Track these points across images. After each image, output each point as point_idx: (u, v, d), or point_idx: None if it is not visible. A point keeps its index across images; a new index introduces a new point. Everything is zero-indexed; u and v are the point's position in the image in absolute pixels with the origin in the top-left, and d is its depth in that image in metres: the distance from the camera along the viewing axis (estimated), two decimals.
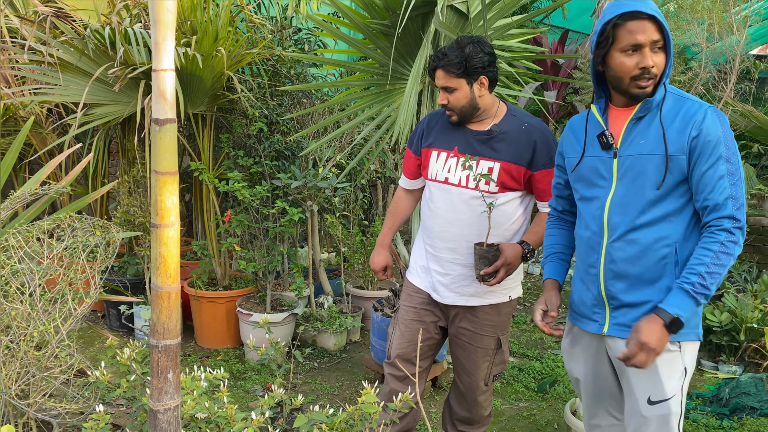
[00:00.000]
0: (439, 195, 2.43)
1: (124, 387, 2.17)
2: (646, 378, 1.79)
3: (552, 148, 2.32)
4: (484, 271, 2.24)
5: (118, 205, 4.15)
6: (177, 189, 1.46)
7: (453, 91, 2.31)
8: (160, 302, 1.45)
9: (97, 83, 3.63)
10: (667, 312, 1.65)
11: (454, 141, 2.41)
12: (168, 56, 1.40)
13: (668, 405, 1.77)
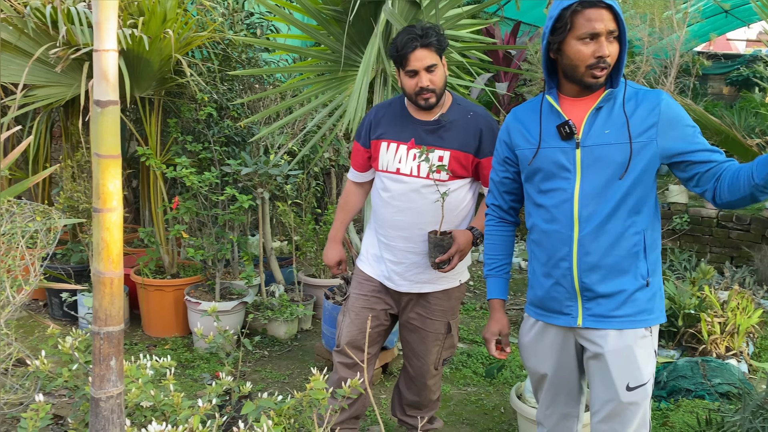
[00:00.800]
0: (392, 186, 2.44)
1: (65, 376, 2.12)
2: (626, 365, 1.81)
3: (496, 134, 2.33)
4: (439, 259, 2.28)
5: (60, 190, 4.02)
6: (120, 173, 1.42)
7: (434, 70, 2.29)
8: (102, 288, 1.42)
9: (38, 64, 3.50)
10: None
11: (404, 132, 2.42)
12: (110, 36, 1.36)
13: (645, 389, 1.82)
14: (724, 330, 3.81)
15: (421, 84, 2.30)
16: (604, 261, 1.80)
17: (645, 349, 1.82)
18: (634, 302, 1.81)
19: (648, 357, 1.83)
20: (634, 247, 1.79)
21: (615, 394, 1.82)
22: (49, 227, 2.48)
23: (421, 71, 2.29)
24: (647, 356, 1.83)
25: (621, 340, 1.82)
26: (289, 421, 1.94)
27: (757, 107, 7.76)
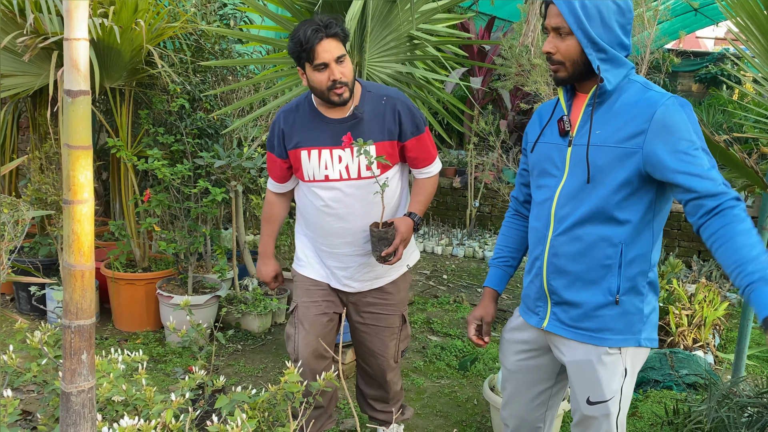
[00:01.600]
0: (325, 194, 2.31)
1: (34, 371, 2.08)
2: (586, 380, 1.77)
3: (414, 114, 2.29)
4: (385, 252, 2.22)
5: (28, 182, 3.94)
6: (91, 164, 1.40)
7: (344, 61, 2.15)
8: (73, 281, 1.39)
9: (5, 53, 3.42)
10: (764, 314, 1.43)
11: (321, 135, 2.27)
12: (81, 24, 1.33)
13: (607, 406, 1.76)
14: (691, 322, 3.89)
15: (333, 77, 2.13)
16: (571, 267, 1.75)
17: (609, 367, 1.74)
18: (597, 318, 1.74)
19: (612, 375, 1.75)
20: (607, 259, 1.70)
21: (577, 405, 1.81)
22: (17, 219, 2.43)
23: (331, 63, 2.12)
24: (612, 374, 1.74)
25: (582, 353, 1.77)
26: (263, 414, 1.94)
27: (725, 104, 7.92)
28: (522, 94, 6.64)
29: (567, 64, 1.69)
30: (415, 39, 3.38)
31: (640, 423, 3.09)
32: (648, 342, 1.78)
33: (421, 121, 2.31)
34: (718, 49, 12.70)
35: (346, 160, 2.26)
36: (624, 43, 1.68)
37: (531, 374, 1.97)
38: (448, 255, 6.37)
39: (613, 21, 1.65)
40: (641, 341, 1.76)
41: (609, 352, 1.73)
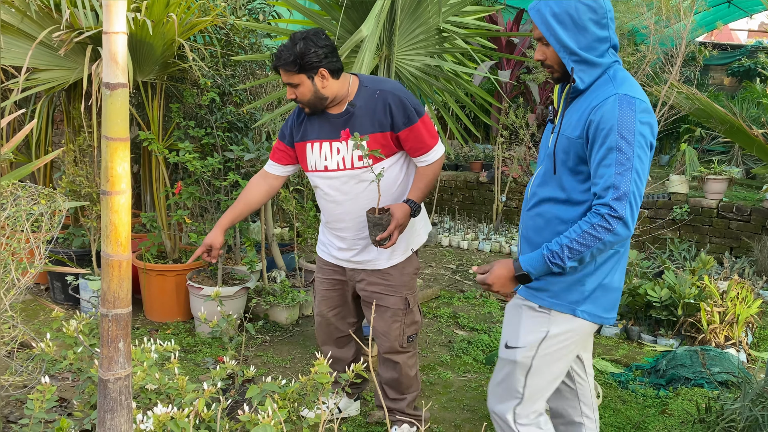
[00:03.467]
0: (324, 183, 2.55)
1: (70, 359, 2.13)
2: (509, 324, 2.00)
3: (406, 105, 2.41)
4: (380, 237, 2.36)
5: (63, 174, 4.02)
6: (128, 156, 1.42)
7: (297, 86, 2.39)
8: (110, 271, 1.42)
9: (41, 47, 3.49)
10: (521, 265, 1.84)
11: (322, 129, 2.51)
12: (119, 18, 1.35)
13: (515, 352, 1.94)
14: (723, 320, 3.83)
15: (289, 97, 2.44)
16: (533, 238, 1.97)
17: (533, 320, 1.93)
18: (541, 280, 1.92)
19: (532, 328, 1.93)
20: (558, 234, 1.87)
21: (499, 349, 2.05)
22: (53, 210, 2.48)
23: (287, 86, 2.42)
24: (532, 328, 1.93)
25: (518, 300, 2.01)
26: (293, 404, 1.96)
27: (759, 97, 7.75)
28: (551, 87, 6.56)
29: (556, 66, 1.88)
30: (444, 32, 3.37)
31: (671, 420, 3.05)
32: (587, 316, 1.91)
33: (414, 112, 2.42)
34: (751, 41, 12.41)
35: (343, 151, 2.47)
36: (601, 37, 1.80)
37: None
38: (474, 250, 6.34)
39: (586, 21, 1.78)
40: (577, 311, 1.90)
41: (537, 309, 1.93)
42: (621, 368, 3.67)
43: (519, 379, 1.93)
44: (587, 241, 1.74)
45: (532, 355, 1.91)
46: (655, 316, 4.06)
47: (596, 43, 1.80)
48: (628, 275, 4.36)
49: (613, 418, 3.08)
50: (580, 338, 1.95)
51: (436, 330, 4.17)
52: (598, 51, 1.81)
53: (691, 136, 7.81)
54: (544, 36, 1.83)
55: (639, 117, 1.73)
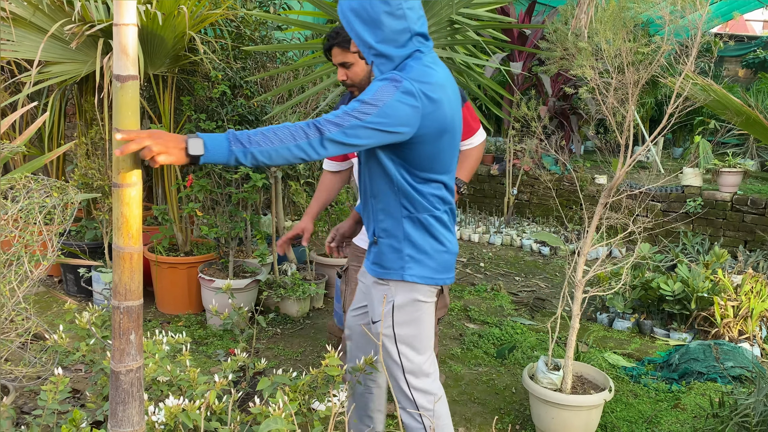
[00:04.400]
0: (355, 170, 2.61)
1: (83, 350, 2.14)
2: (370, 302, 2.13)
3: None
4: None
5: (75, 167, 4.04)
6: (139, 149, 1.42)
7: (350, 67, 2.40)
8: (122, 263, 1.42)
9: (53, 40, 3.50)
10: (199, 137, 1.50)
11: None
12: (130, 10, 1.35)
13: (378, 325, 2.08)
14: (737, 314, 3.79)
15: (340, 78, 2.45)
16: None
17: (379, 293, 2.07)
18: (370, 254, 2.10)
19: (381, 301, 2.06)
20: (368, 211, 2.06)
21: None
22: (66, 203, 2.49)
23: (339, 66, 2.43)
24: (380, 300, 2.06)
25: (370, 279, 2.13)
26: (303, 397, 1.96)
27: None
28: (563, 79, 6.51)
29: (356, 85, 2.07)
30: (455, 24, 3.34)
31: (684, 415, 3.03)
32: (417, 278, 2.03)
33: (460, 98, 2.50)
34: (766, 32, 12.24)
35: None
36: (399, 29, 1.83)
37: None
38: (485, 243, 6.32)
39: (380, 14, 1.81)
40: (404, 276, 2.02)
41: (380, 282, 2.07)
42: (633, 362, 3.65)
43: (392, 349, 2.07)
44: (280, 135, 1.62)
45: (390, 324, 2.05)
46: (668, 310, 4.03)
47: (394, 35, 1.83)
48: (640, 269, 4.32)
49: (625, 413, 3.06)
50: (426, 300, 2.08)
51: (447, 323, 4.16)
52: (397, 42, 1.84)
53: (705, 129, 7.73)
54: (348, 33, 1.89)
55: (398, 97, 1.74)
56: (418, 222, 2.00)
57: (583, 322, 4.21)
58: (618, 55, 2.34)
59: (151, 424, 1.72)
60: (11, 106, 4.35)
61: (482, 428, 2.92)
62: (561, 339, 3.62)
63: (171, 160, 1.42)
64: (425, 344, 2.10)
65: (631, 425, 2.96)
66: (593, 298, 4.44)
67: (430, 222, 2.02)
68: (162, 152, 1.39)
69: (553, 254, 5.91)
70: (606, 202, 2.63)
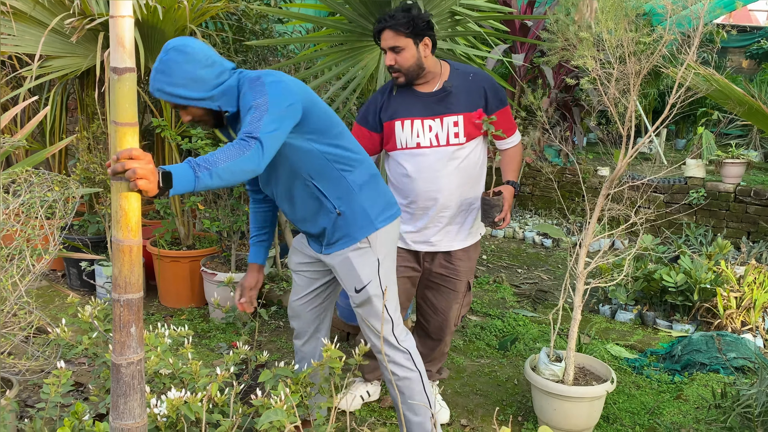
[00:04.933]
0: (414, 161, 2.57)
1: (86, 344, 2.15)
2: (348, 276, 2.23)
3: (498, 89, 2.60)
4: (499, 217, 2.49)
5: (77, 161, 4.04)
6: (137, 141, 1.42)
7: (400, 51, 2.42)
8: (121, 256, 1.42)
9: (53, 34, 3.50)
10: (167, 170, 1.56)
11: (414, 107, 2.56)
12: (125, 2, 1.35)
13: (366, 290, 2.21)
14: (740, 305, 3.78)
15: (388, 63, 2.45)
16: None
17: (362, 258, 2.22)
18: (334, 234, 2.21)
19: (365, 264, 2.21)
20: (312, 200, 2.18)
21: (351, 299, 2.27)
22: (67, 197, 2.49)
23: (387, 50, 2.44)
24: (365, 263, 2.22)
25: (339, 256, 2.24)
26: (305, 389, 1.97)
27: None
28: (565, 70, 6.49)
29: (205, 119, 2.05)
30: (456, 15, 3.32)
31: (686, 406, 3.03)
32: (385, 221, 2.24)
33: (504, 96, 2.62)
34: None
35: (435, 129, 2.55)
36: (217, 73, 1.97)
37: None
38: (488, 235, 6.32)
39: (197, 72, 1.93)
40: (377, 225, 2.21)
41: (360, 246, 2.20)
42: (635, 353, 3.65)
43: (379, 306, 2.23)
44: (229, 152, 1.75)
45: (377, 283, 2.22)
46: (671, 302, 4.03)
47: (216, 79, 1.98)
48: (642, 260, 4.32)
49: (627, 404, 3.06)
50: (395, 242, 2.32)
51: None
52: (221, 80, 1.99)
53: (708, 120, 7.69)
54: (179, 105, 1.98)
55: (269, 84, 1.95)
56: (355, 172, 2.19)
57: (585, 313, 4.21)
58: (620, 46, 2.33)
59: (153, 417, 1.72)
60: (13, 100, 4.35)
61: (484, 420, 2.93)
62: (563, 331, 3.62)
63: (149, 188, 1.45)
64: (397, 300, 2.33)
65: (633, 416, 2.97)
66: (595, 290, 4.43)
67: (360, 170, 2.22)
68: (144, 177, 1.42)
69: (556, 246, 5.90)
70: (608, 194, 2.62)
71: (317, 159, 2.11)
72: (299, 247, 2.47)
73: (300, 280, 2.46)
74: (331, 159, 2.13)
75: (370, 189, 2.23)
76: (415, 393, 2.29)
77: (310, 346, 2.52)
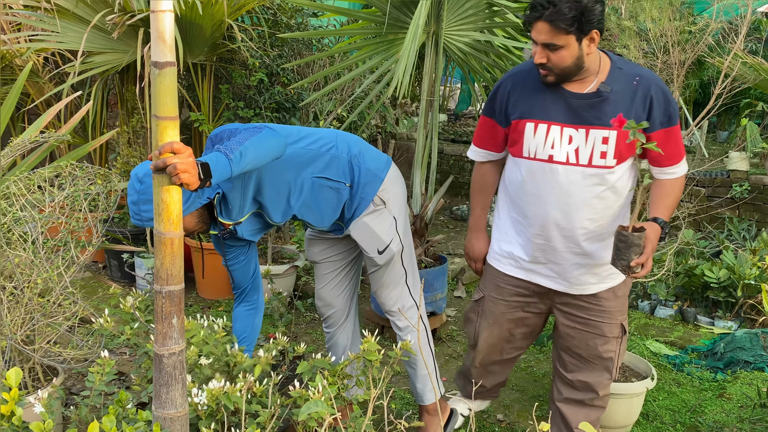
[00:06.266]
0: (542, 177, 2.04)
1: (128, 334, 2.19)
2: (368, 239, 2.25)
3: (669, 101, 1.96)
4: (636, 262, 1.89)
5: (117, 155, 4.12)
6: (178, 134, 1.44)
7: (557, 50, 1.86)
8: (163, 248, 1.45)
9: (95, 30, 3.57)
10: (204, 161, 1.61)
11: (553, 108, 2.00)
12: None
13: (390, 249, 2.26)
14: None
15: (539, 60, 1.91)
16: None
17: (379, 218, 2.26)
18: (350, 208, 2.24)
19: (383, 223, 2.26)
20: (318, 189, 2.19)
21: (373, 261, 2.31)
22: (110, 191, 2.55)
23: (540, 46, 1.89)
24: (382, 223, 2.26)
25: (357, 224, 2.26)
26: (342, 381, 1.97)
27: None
28: None
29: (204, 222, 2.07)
30: (494, 5, 3.29)
31: (729, 404, 2.96)
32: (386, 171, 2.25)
33: (675, 112, 1.99)
34: None
35: (577, 141, 1.97)
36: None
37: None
38: None
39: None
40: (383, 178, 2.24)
41: (374, 208, 2.24)
42: (676, 350, 3.57)
43: (398, 262, 2.32)
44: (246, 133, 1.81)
45: (399, 239, 2.28)
46: (713, 298, 3.93)
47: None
48: (683, 255, 4.22)
49: (668, 401, 3.00)
50: (404, 197, 2.35)
51: None
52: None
53: (752, 111, 7.46)
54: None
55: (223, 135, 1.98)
56: (337, 146, 2.21)
57: None
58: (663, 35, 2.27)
59: (194, 406, 1.75)
60: (56, 96, 4.46)
61: (520, 415, 2.90)
62: None
63: (191, 180, 1.46)
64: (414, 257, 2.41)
65: (674, 414, 2.91)
66: (635, 285, 4.35)
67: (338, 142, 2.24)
68: (185, 171, 1.43)
69: None
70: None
71: (306, 155, 2.12)
72: (314, 236, 2.46)
73: (325, 267, 2.46)
74: (315, 147, 2.14)
75: (356, 149, 2.23)
76: (422, 345, 2.36)
77: (343, 335, 2.55)
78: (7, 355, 2.24)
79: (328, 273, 2.46)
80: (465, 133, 7.85)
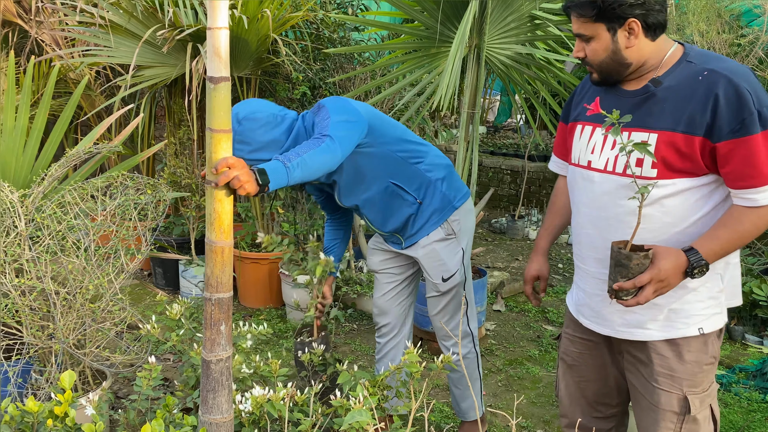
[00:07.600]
0: (579, 186, 1.79)
1: (174, 341, 2.25)
2: (435, 265, 2.38)
3: (747, 102, 1.51)
4: (619, 285, 1.57)
5: (164, 166, 4.23)
6: (230, 147, 1.48)
7: (589, 41, 1.67)
8: (214, 257, 1.49)
9: (146, 45, 3.68)
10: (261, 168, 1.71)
11: (604, 107, 1.72)
12: (222, 14, 1.41)
13: (454, 278, 2.40)
14: None
15: (576, 54, 1.73)
16: None
17: (448, 248, 2.39)
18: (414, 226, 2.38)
19: (451, 253, 2.40)
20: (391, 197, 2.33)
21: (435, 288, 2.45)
22: (158, 200, 2.62)
23: (576, 38, 1.72)
24: (451, 253, 2.40)
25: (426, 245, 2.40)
26: (383, 392, 1.98)
27: None
28: None
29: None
30: (536, 19, 3.29)
31: None
32: (463, 199, 2.40)
33: (756, 116, 1.51)
34: None
35: (617, 146, 1.65)
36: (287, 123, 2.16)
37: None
38: (564, 243, 6.17)
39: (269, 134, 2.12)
40: (456, 204, 2.37)
41: (445, 237, 2.36)
42: (723, 370, 3.47)
43: (461, 293, 2.44)
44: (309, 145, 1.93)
45: (463, 270, 2.42)
46: (762, 316, 3.82)
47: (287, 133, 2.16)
48: None
49: None
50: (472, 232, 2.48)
51: (524, 325, 4.10)
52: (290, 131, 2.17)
53: None
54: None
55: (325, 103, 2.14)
56: (425, 161, 2.33)
57: None
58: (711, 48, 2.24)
59: (238, 413, 1.78)
60: (106, 108, 4.60)
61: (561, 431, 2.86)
62: None
63: (252, 189, 1.60)
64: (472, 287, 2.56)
65: None
66: None
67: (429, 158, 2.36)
68: (248, 181, 1.56)
69: None
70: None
71: (393, 159, 2.27)
72: (377, 246, 2.58)
73: (384, 277, 2.57)
74: (404, 155, 2.29)
75: (441, 173, 2.36)
76: (470, 371, 2.53)
77: (394, 350, 2.63)
78: (60, 359, 2.32)
79: (387, 283, 2.57)
80: (504, 146, 7.82)
